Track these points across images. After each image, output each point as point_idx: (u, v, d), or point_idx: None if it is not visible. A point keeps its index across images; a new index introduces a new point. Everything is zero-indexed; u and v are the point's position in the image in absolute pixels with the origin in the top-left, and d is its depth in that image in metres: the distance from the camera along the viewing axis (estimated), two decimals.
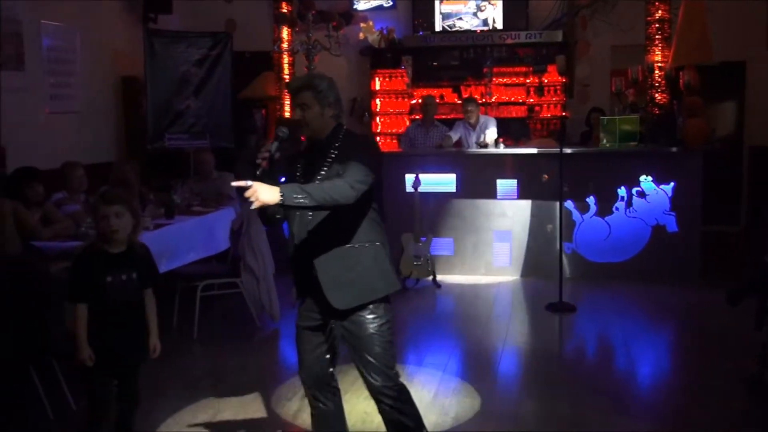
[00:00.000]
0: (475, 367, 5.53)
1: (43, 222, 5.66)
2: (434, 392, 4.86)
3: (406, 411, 3.36)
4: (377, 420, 4.39)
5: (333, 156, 3.22)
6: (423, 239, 7.57)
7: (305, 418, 4.59)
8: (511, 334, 6.37)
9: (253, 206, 2.89)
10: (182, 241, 6.32)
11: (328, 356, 3.44)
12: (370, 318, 3.27)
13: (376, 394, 3.33)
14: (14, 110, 7.31)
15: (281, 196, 2.90)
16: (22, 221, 5.25)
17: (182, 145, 9.20)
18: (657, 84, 8.16)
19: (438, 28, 10.97)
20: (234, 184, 2.98)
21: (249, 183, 2.89)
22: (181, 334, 6.25)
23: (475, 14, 10.94)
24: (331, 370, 3.48)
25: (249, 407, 4.78)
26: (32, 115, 7.62)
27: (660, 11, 8.12)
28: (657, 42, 8.15)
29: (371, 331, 3.27)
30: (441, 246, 8.04)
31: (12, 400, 4.71)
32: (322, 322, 3.38)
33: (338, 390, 3.56)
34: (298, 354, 3.49)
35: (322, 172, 3.20)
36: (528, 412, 4.62)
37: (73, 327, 3.60)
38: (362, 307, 3.26)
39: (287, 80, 10.06)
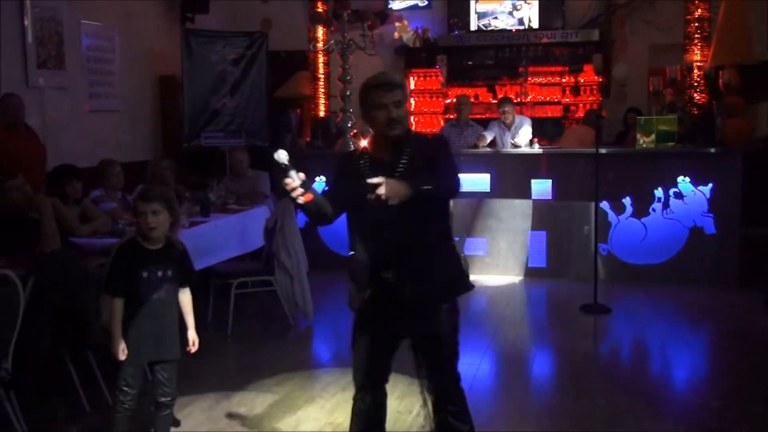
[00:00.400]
0: (509, 368, 5.50)
1: (80, 219, 5.76)
2: (467, 392, 4.84)
3: (465, 418, 3.31)
4: (409, 420, 4.41)
5: (408, 154, 3.17)
6: (456, 239, 7.53)
7: (341, 415, 4.61)
8: (545, 335, 6.34)
9: (391, 202, 2.88)
10: (217, 238, 6.37)
11: (389, 359, 3.35)
12: (446, 317, 3.23)
13: (441, 397, 3.27)
14: (55, 109, 7.44)
15: (412, 186, 2.91)
16: (61, 218, 5.34)
17: (218, 143, 9.27)
18: (696, 83, 8.06)
19: (473, 27, 10.93)
20: (371, 181, 2.90)
21: (380, 179, 2.87)
22: (215, 331, 6.30)
23: (510, 13, 10.89)
24: (388, 373, 3.41)
25: (283, 404, 4.80)
26: (72, 114, 7.74)
27: (699, 10, 8.03)
28: (696, 41, 8.05)
29: (448, 329, 3.24)
30: (475, 246, 8.01)
31: (50, 393, 4.78)
32: (389, 325, 3.27)
33: (386, 393, 3.47)
34: (357, 356, 3.36)
35: (400, 169, 3.13)
36: (562, 413, 4.59)
37: (109, 320, 3.65)
38: (439, 306, 3.22)
39: (322, 79, 10.11)
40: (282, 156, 3.01)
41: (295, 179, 3.00)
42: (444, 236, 3.29)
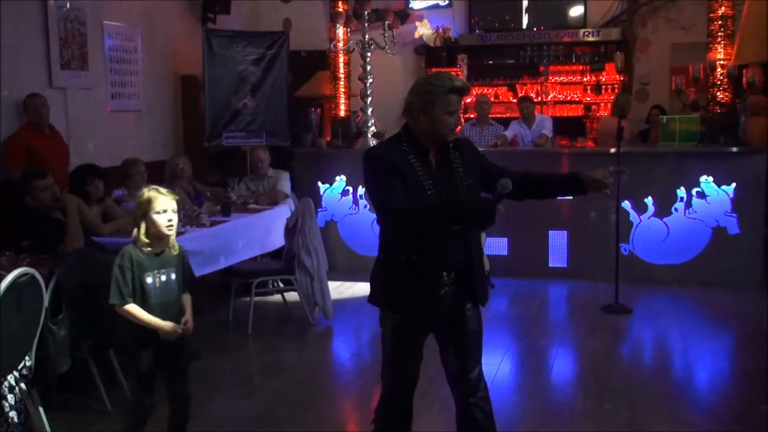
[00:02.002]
0: (530, 368, 5.48)
1: (103, 218, 5.80)
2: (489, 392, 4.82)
3: (491, 412, 3.31)
4: (429, 419, 4.40)
5: (456, 160, 3.19)
6: None
7: (362, 414, 4.62)
8: (566, 336, 6.30)
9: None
10: (238, 238, 6.40)
11: (420, 363, 3.32)
12: (478, 313, 3.29)
13: (471, 394, 3.26)
14: (78, 109, 7.50)
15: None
16: (83, 217, 5.38)
17: (239, 143, 9.31)
18: (719, 82, 7.98)
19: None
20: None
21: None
22: (236, 330, 6.34)
23: None
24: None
25: (303, 403, 4.81)
26: (95, 114, 7.80)
27: (723, 8, 7.95)
28: (719, 39, 7.97)
29: (479, 326, 3.28)
30: (496, 246, 7.99)
31: (72, 392, 4.82)
32: (426, 327, 3.25)
33: (412, 413, 3.40)
34: (395, 362, 3.27)
35: (461, 174, 3.16)
36: (582, 414, 4.56)
37: (139, 322, 3.58)
38: (477, 303, 3.28)
39: (342, 78, 10.12)
40: (509, 185, 2.99)
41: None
42: (479, 240, 3.31)
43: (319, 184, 8.48)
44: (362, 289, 3.39)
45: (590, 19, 10.66)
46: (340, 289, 7.21)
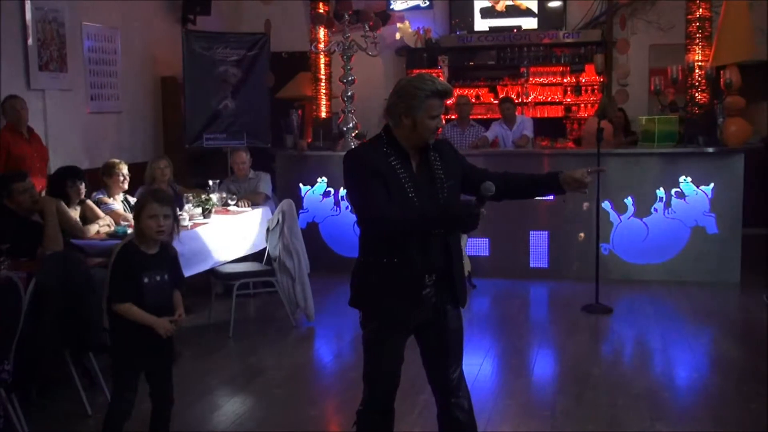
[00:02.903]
0: (511, 368, 5.50)
1: (83, 220, 5.77)
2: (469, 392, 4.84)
3: (471, 412, 3.33)
4: (410, 420, 4.41)
5: (437, 162, 3.19)
6: None
7: (343, 416, 4.62)
8: (546, 336, 6.33)
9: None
10: (218, 240, 6.38)
11: (401, 365, 3.29)
12: (458, 314, 3.31)
13: (452, 394, 3.27)
14: (57, 110, 7.45)
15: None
16: (63, 220, 5.35)
17: (220, 144, 9.29)
18: (697, 83, 8.05)
19: (476, 27, 10.91)
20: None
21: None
22: (217, 333, 6.32)
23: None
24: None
25: (285, 405, 4.81)
26: (74, 116, 7.75)
27: (701, 9, 8.01)
28: (697, 41, 8.04)
29: (459, 326, 3.30)
30: (477, 246, 8.01)
31: (51, 396, 4.79)
32: (406, 328, 3.24)
33: (394, 414, 3.39)
34: (376, 364, 3.25)
35: (442, 176, 3.16)
36: (563, 414, 4.59)
37: (135, 320, 3.61)
38: (458, 304, 3.30)
39: (323, 80, 10.11)
40: (492, 188, 2.97)
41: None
42: (460, 242, 3.33)
43: (301, 185, 8.48)
44: (344, 290, 3.37)
45: (570, 20, 10.72)
46: (322, 291, 7.20)
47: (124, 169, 6.47)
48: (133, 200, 6.73)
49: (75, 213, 5.75)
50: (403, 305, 3.14)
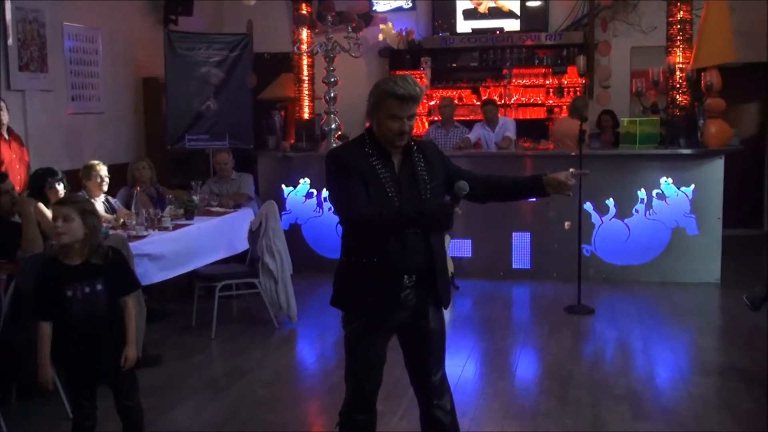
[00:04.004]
0: (494, 369, 5.52)
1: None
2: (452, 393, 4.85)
3: (452, 415, 3.32)
4: (393, 421, 4.41)
5: (420, 162, 3.19)
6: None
7: (326, 417, 4.62)
8: (529, 336, 6.35)
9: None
10: (201, 241, 6.36)
11: (383, 366, 3.31)
12: (441, 316, 3.30)
13: (434, 396, 3.26)
14: (37, 111, 7.39)
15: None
16: (43, 221, 5.30)
17: (202, 145, 9.24)
18: (678, 85, 8.10)
19: (459, 29, 10.93)
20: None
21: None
22: (200, 334, 6.29)
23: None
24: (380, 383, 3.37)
25: (268, 406, 4.79)
26: (54, 116, 7.68)
27: (682, 12, 8.05)
28: (678, 43, 8.09)
29: (442, 328, 3.29)
30: (460, 248, 8.03)
31: (31, 399, 4.75)
32: (388, 329, 3.25)
33: (376, 414, 3.40)
34: (356, 367, 3.26)
35: (425, 177, 3.16)
36: (546, 414, 4.61)
37: (37, 347, 3.46)
38: (440, 306, 3.29)
39: (306, 81, 10.09)
40: (466, 187, 2.99)
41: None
42: (443, 243, 3.34)
43: (283, 186, 8.46)
44: (326, 291, 3.36)
45: (552, 22, 10.77)
46: (305, 292, 7.19)
47: (103, 170, 6.43)
48: (114, 201, 6.70)
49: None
50: (383, 305, 3.13)
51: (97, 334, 3.52)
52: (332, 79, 8.30)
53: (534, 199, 7.84)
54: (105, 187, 6.47)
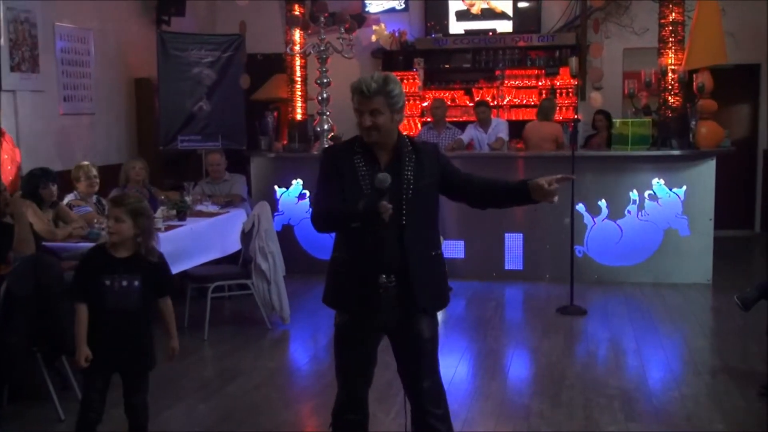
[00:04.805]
0: (486, 370, 5.52)
1: (55, 223, 5.71)
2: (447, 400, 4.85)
3: (445, 420, 3.30)
4: (387, 422, 4.41)
5: (411, 162, 3.15)
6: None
7: (319, 418, 4.61)
8: (521, 337, 6.36)
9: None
10: (194, 242, 6.34)
11: (373, 366, 3.33)
12: (431, 323, 3.25)
13: (426, 401, 3.24)
14: (29, 112, 7.36)
15: None
16: (35, 222, 5.29)
17: (194, 146, 9.23)
18: (670, 87, 8.12)
19: (451, 30, 10.94)
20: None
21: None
22: (192, 336, 6.27)
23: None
24: (371, 379, 3.37)
25: (260, 408, 4.79)
26: (46, 117, 7.66)
27: (674, 14, 8.08)
28: (670, 45, 8.11)
29: (431, 333, 3.24)
30: (452, 249, 8.03)
31: (23, 401, 4.73)
32: (373, 330, 3.24)
33: (368, 413, 3.42)
34: (352, 366, 3.29)
35: (409, 177, 3.13)
36: (538, 415, 4.61)
37: (75, 327, 3.59)
38: (427, 312, 3.24)
39: (299, 82, 10.08)
40: (387, 180, 2.97)
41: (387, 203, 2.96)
42: (436, 245, 3.30)
43: (276, 187, 8.45)
44: (319, 292, 3.37)
45: (545, 24, 10.79)
46: (297, 293, 7.18)
47: (93, 171, 6.41)
48: (106, 202, 6.68)
49: (48, 215, 5.69)
50: (358, 302, 3.16)
51: (126, 326, 3.63)
52: (325, 80, 8.30)
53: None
54: (96, 188, 6.45)
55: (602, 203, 7.78)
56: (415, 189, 3.14)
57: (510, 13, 10.83)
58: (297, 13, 9.65)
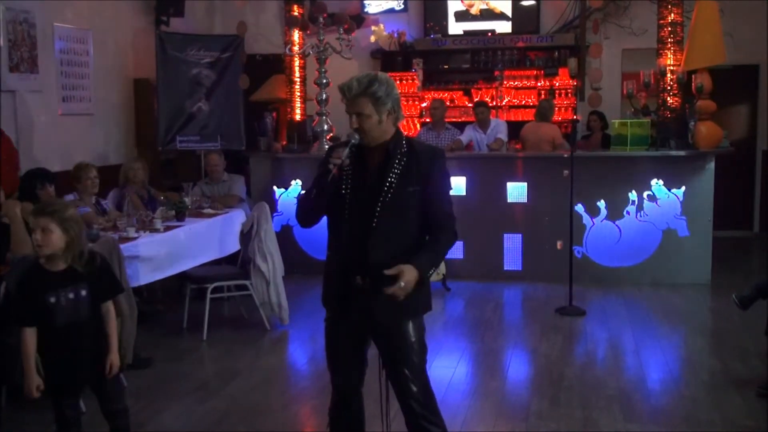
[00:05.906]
0: (485, 370, 5.52)
1: None
2: (444, 394, 4.85)
3: (436, 421, 3.28)
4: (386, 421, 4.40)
5: (399, 166, 3.10)
6: None
7: (318, 419, 4.61)
8: (520, 338, 6.36)
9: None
10: (192, 243, 6.34)
11: (363, 362, 3.34)
12: (412, 329, 3.19)
13: (414, 403, 3.22)
14: (28, 112, 7.36)
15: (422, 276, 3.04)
16: (29, 222, 5.27)
17: (193, 147, 9.22)
18: (669, 87, 8.13)
19: (450, 31, 10.95)
20: (388, 272, 2.96)
21: (401, 283, 2.94)
22: (191, 336, 6.28)
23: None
24: (364, 375, 3.39)
25: (259, 408, 4.79)
26: (45, 117, 7.66)
27: (672, 14, 8.09)
28: (669, 45, 8.12)
29: (417, 336, 3.20)
30: (451, 249, 7.99)
31: (21, 402, 4.72)
32: (361, 330, 3.25)
33: (362, 403, 3.46)
34: (334, 361, 3.33)
35: (392, 180, 3.07)
36: (537, 415, 4.61)
37: (22, 356, 3.39)
38: (404, 321, 3.19)
39: (298, 82, 10.08)
40: (356, 137, 3.09)
41: (343, 156, 3.04)
42: (410, 252, 3.12)
43: (275, 188, 8.45)
44: (318, 293, 3.38)
45: (544, 24, 10.79)
46: (296, 294, 7.18)
47: (92, 171, 6.41)
48: (105, 203, 6.68)
49: None
50: (338, 301, 3.22)
51: (81, 340, 3.46)
52: (324, 81, 8.30)
53: (525, 201, 7.91)
54: (95, 189, 6.45)
55: (601, 204, 7.78)
56: (395, 194, 3.08)
57: (509, 13, 10.83)
58: (296, 13, 9.66)
